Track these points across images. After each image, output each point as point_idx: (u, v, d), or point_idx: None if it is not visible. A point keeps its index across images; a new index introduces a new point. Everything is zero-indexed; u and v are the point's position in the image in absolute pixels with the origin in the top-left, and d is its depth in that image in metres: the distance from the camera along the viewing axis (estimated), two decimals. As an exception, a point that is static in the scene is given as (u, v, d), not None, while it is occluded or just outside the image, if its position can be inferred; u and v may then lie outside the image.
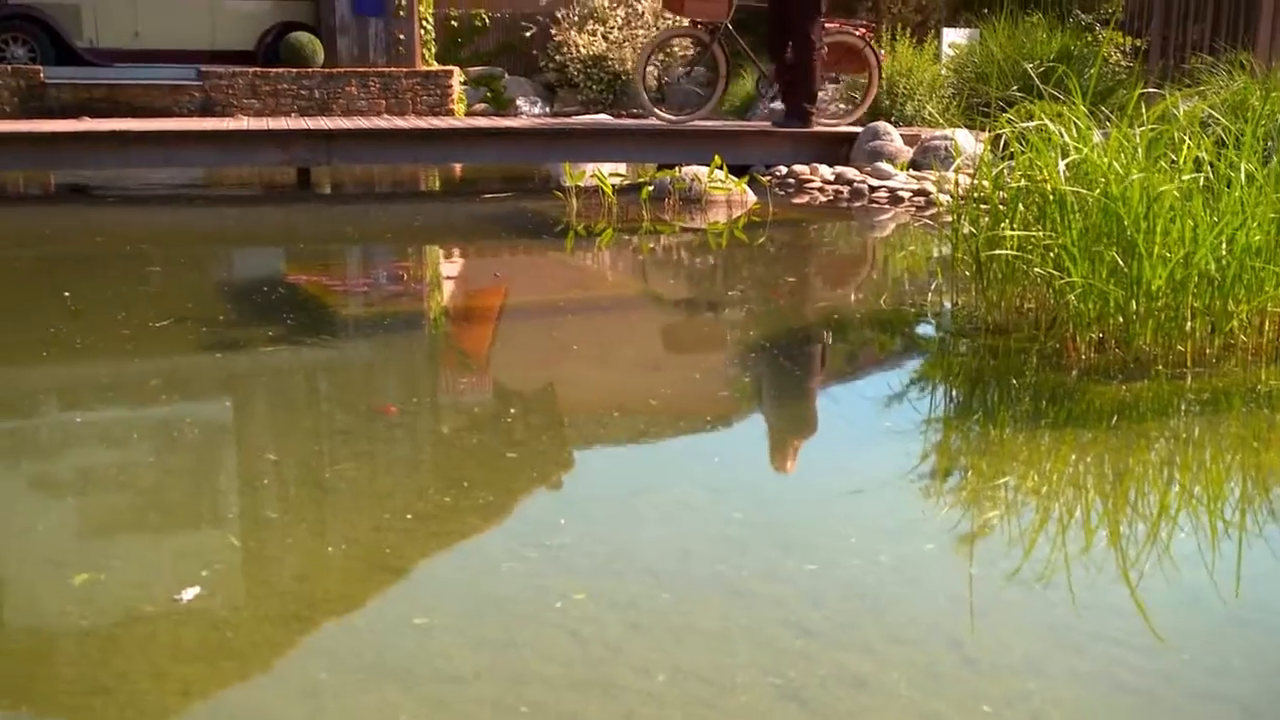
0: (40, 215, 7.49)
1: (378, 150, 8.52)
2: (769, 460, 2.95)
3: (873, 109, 9.28)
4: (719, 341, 4.27)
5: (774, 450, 3.04)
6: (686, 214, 6.98)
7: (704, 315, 4.75)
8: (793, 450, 3.06)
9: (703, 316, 4.73)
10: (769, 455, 3.00)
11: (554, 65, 15.14)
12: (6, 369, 3.69)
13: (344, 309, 4.59)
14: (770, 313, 4.61)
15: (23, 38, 12.55)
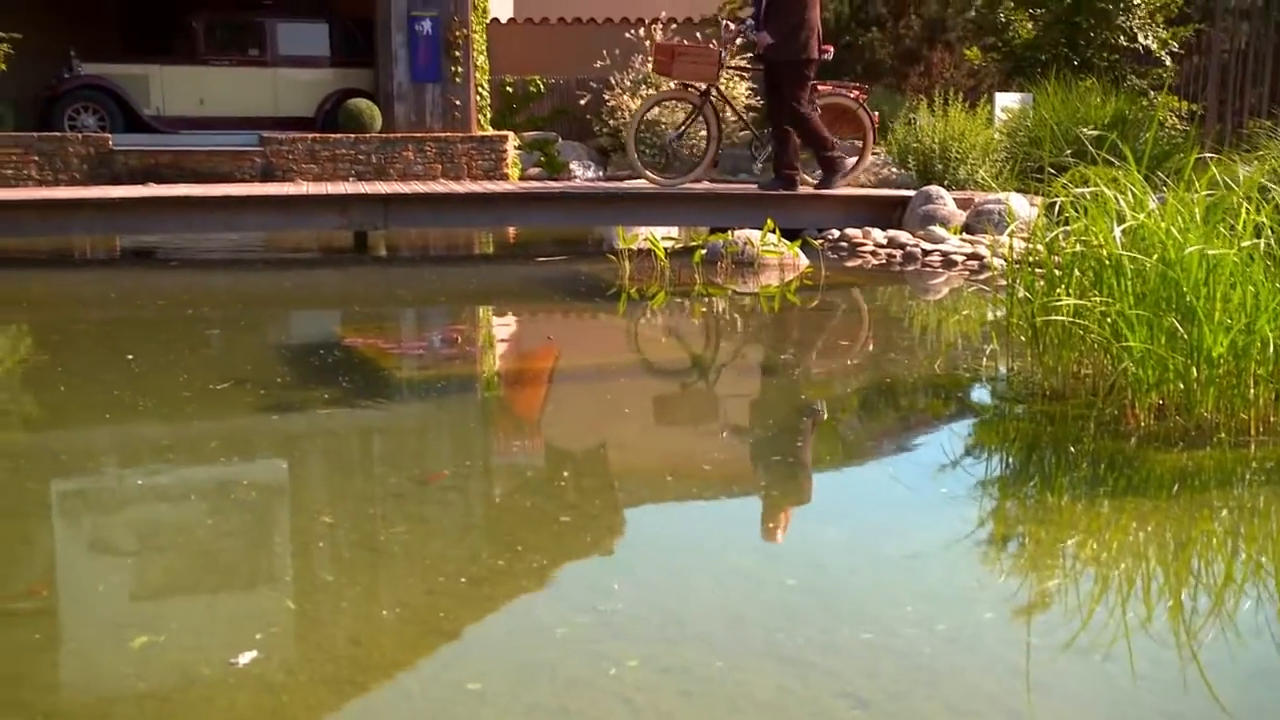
0: (107, 279, 7.66)
1: (433, 214, 8.64)
2: (823, 525, 2.93)
3: (925, 173, 9.30)
4: (771, 405, 4.26)
5: (827, 515, 3.02)
6: (739, 277, 7.01)
7: (756, 379, 4.74)
8: (847, 515, 3.04)
9: (755, 380, 4.73)
10: (822, 520, 2.98)
11: (607, 130, 15.31)
12: (71, 431, 3.76)
13: (399, 371, 4.64)
14: (823, 376, 4.60)
15: (93, 107, 12.92)
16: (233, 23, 13.94)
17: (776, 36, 8.27)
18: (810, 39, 8.22)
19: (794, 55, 8.20)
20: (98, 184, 11.71)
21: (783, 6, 8.20)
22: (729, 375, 4.81)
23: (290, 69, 13.83)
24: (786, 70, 8.26)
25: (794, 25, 8.13)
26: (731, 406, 4.27)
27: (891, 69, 14.17)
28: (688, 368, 4.96)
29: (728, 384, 4.67)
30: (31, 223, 7.81)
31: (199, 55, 13.65)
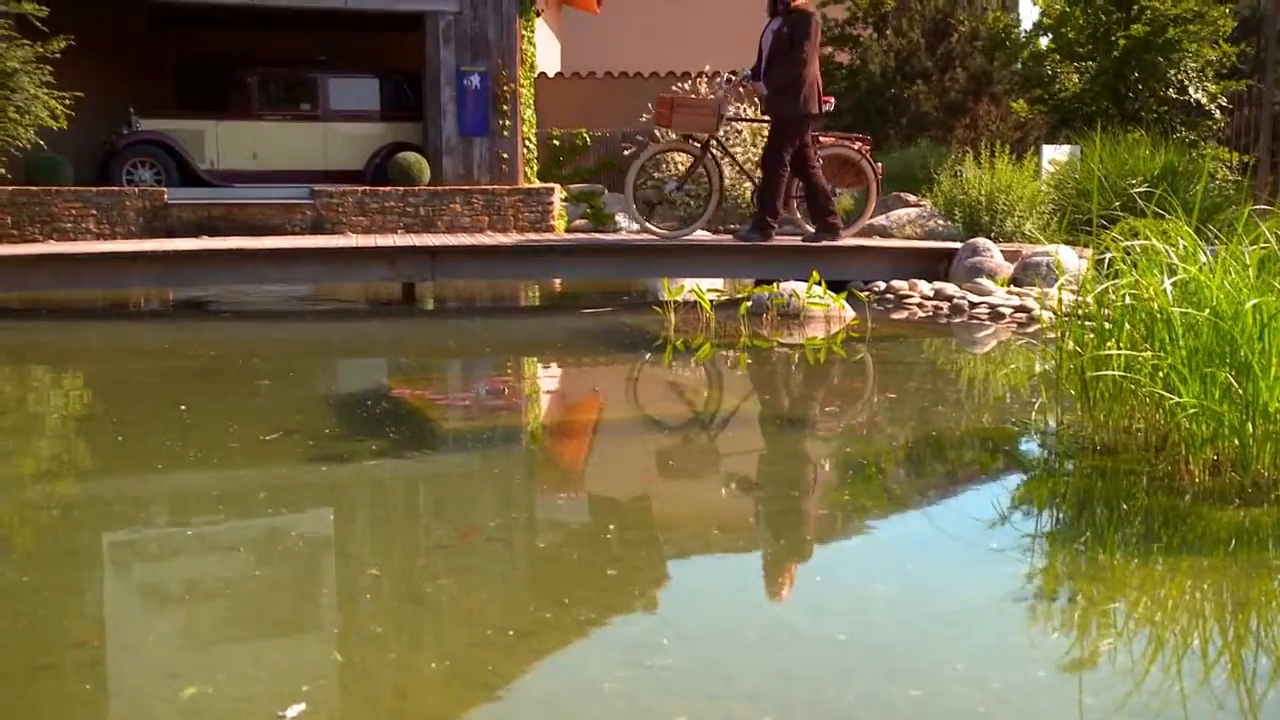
0: (160, 329, 7.78)
1: (480, 266, 8.72)
2: (871, 580, 2.90)
3: (971, 225, 9.27)
4: (818, 458, 4.24)
5: (876, 570, 2.99)
6: (785, 329, 7.00)
7: (802, 431, 4.72)
8: (896, 570, 3.00)
9: (801, 432, 4.71)
10: (871, 575, 2.95)
11: (653, 182, 15.42)
12: (124, 480, 3.81)
13: (445, 423, 4.67)
14: (869, 429, 4.57)
15: (150, 161, 13.20)
16: (286, 78, 14.22)
17: (772, 89, 8.32)
18: (810, 93, 8.25)
19: (794, 110, 8.24)
20: (153, 237, 11.93)
21: (782, 60, 8.24)
22: (775, 428, 4.79)
23: (341, 123, 14.07)
24: (784, 124, 8.30)
25: (794, 79, 8.17)
26: (778, 459, 4.25)
27: (937, 121, 14.18)
28: (733, 420, 4.95)
29: (773, 437, 4.66)
30: (90, 275, 7.97)
31: (253, 110, 13.93)
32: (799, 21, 8.20)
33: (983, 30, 14.41)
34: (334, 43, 16.13)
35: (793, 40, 8.16)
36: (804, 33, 8.17)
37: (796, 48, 8.14)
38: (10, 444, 4.36)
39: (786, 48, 8.19)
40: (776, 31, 8.30)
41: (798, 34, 8.16)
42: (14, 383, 5.80)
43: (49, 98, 11.04)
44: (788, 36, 8.19)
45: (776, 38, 8.29)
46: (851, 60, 15.68)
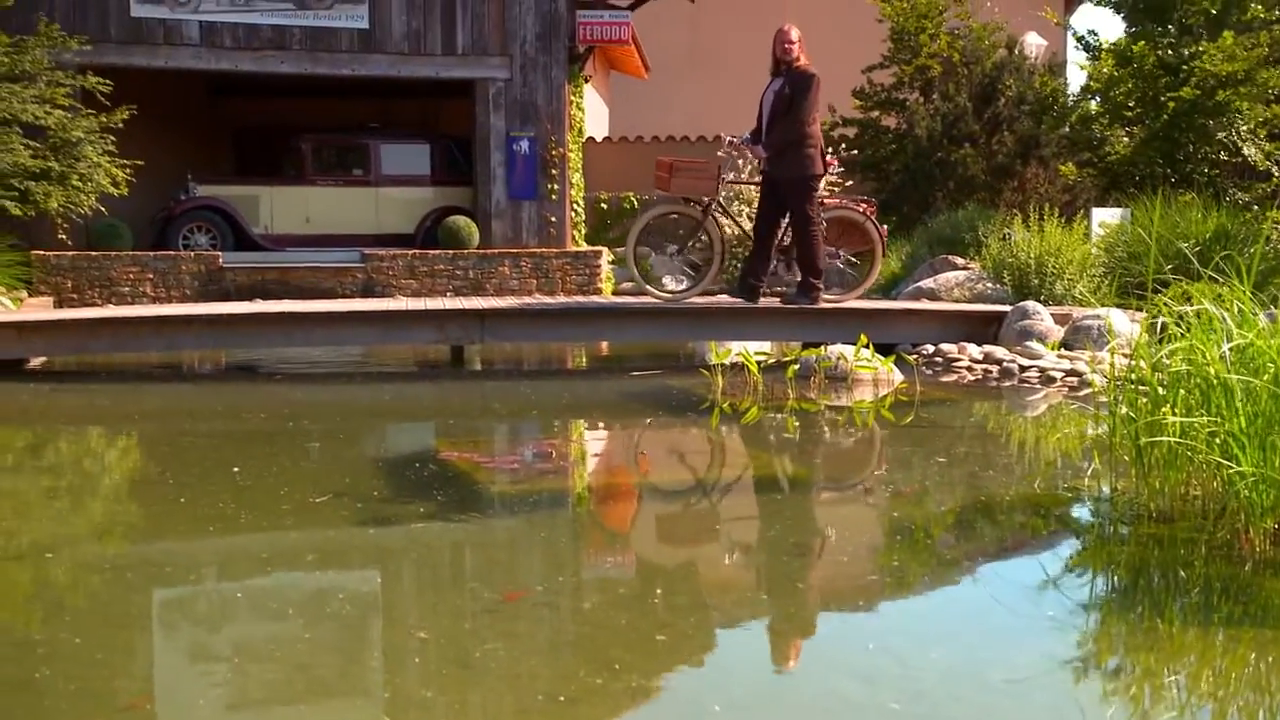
0: (214, 392, 7.89)
1: (528, 329, 8.78)
2: (923, 648, 2.86)
3: (1020, 288, 9.22)
4: (867, 522, 4.20)
5: (928, 637, 2.95)
6: (832, 392, 6.97)
7: (850, 495, 4.69)
8: (948, 638, 2.96)
9: (849, 497, 4.67)
10: (923, 642, 2.91)
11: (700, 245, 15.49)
12: (176, 542, 3.84)
13: (493, 485, 4.68)
14: (919, 494, 4.53)
15: (206, 226, 13.45)
16: (339, 144, 14.50)
17: (771, 150, 8.33)
18: (814, 153, 8.24)
19: (799, 171, 8.23)
20: (208, 300, 12.14)
21: (783, 119, 8.25)
22: (823, 491, 4.76)
23: (392, 188, 14.29)
24: (792, 186, 8.27)
25: (796, 140, 8.17)
26: (826, 523, 4.21)
27: (985, 184, 14.16)
28: (781, 484, 4.92)
29: (822, 500, 4.62)
30: (146, 338, 8.11)
31: (306, 176, 14.20)
32: (800, 80, 8.21)
33: (1030, 94, 14.41)
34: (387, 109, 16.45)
35: (793, 100, 8.18)
36: (805, 93, 8.18)
37: (797, 107, 8.15)
38: (66, 505, 4.42)
39: (786, 107, 8.21)
40: (778, 92, 8.32)
41: (799, 93, 8.18)
42: (72, 444, 5.89)
43: (111, 165, 11.32)
44: (788, 97, 8.21)
45: (778, 98, 8.30)
46: (898, 124, 15.74)
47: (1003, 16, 16.09)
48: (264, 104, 16.33)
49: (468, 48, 13.71)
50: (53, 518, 4.21)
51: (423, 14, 13.57)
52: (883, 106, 16.02)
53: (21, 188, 10.55)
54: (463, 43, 13.69)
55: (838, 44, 21.05)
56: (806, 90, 8.16)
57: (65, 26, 11.68)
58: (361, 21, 13.45)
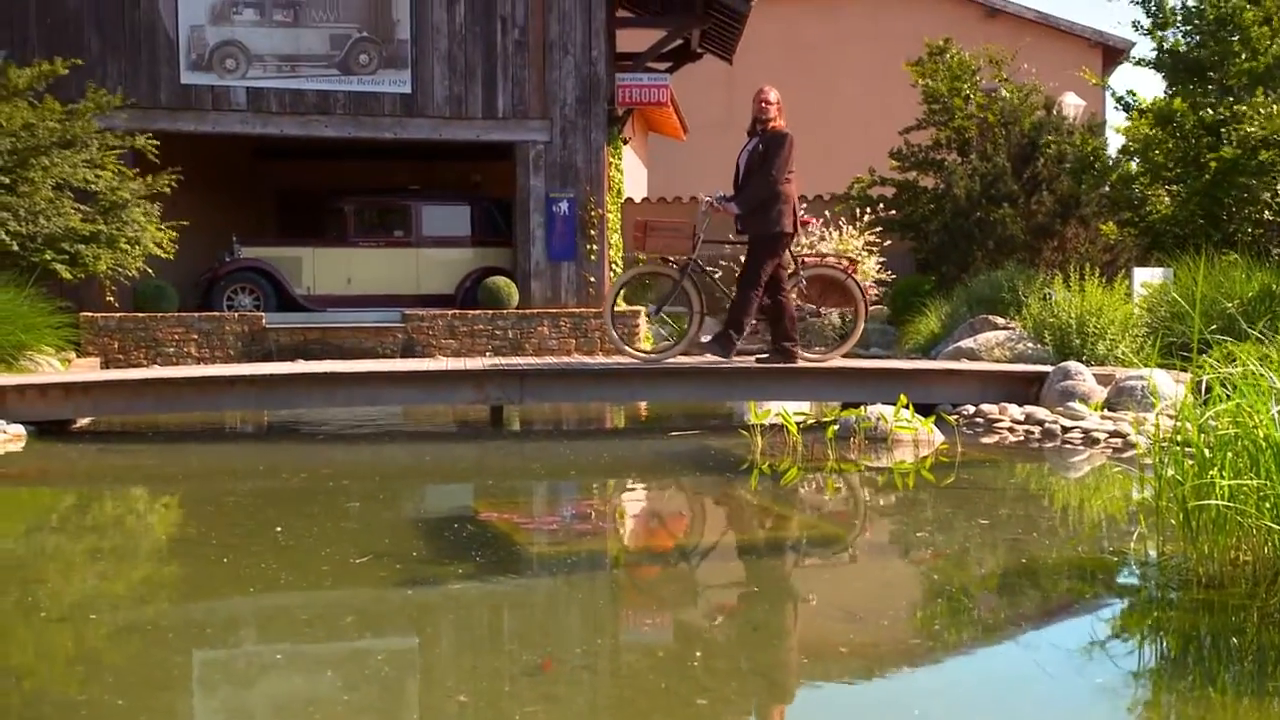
0: (256, 452, 7.94)
1: (567, 388, 8.80)
2: (967, 715, 2.81)
3: (1061, 348, 9.16)
4: (908, 585, 4.15)
5: (973, 705, 2.90)
6: (872, 453, 6.93)
7: (891, 557, 4.64)
8: (994, 706, 2.91)
9: (890, 559, 4.63)
10: (968, 710, 2.86)
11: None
12: (218, 602, 3.86)
13: (532, 546, 4.67)
14: (961, 556, 4.47)
15: (250, 287, 13.65)
16: (380, 206, 14.70)
17: (745, 208, 8.37)
18: (785, 211, 8.29)
19: (767, 229, 8.29)
20: (251, 360, 12.28)
21: (754, 178, 8.33)
22: (863, 553, 4.72)
23: (433, 249, 14.45)
24: (759, 243, 8.34)
25: (769, 198, 8.24)
26: (867, 586, 4.17)
27: (1024, 244, 14.13)
28: (821, 545, 4.89)
29: (862, 562, 4.58)
30: (190, 399, 8.20)
31: (348, 237, 14.39)
32: (774, 140, 8.33)
33: (1070, 154, 14.41)
34: (428, 171, 16.69)
35: (766, 158, 8.28)
36: (778, 151, 8.28)
37: (769, 165, 8.25)
38: (110, 565, 4.46)
39: (759, 166, 8.31)
40: (752, 150, 8.45)
41: (771, 152, 8.28)
42: (117, 503, 5.94)
43: (157, 228, 11.53)
44: (762, 155, 8.32)
45: (752, 156, 8.43)
46: (936, 184, 15.77)
47: (1040, 77, 16.16)
48: (307, 166, 16.62)
49: (508, 111, 13.91)
50: (97, 578, 4.25)
51: (464, 79, 13.80)
52: (920, 167, 16.07)
53: (72, 251, 10.75)
54: (503, 106, 13.89)
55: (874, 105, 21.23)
56: (780, 149, 8.29)
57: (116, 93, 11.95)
58: (404, 86, 13.68)
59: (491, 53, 13.87)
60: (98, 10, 12.96)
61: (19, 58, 11.76)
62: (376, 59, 13.63)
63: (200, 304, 13.62)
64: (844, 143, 21.07)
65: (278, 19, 13.44)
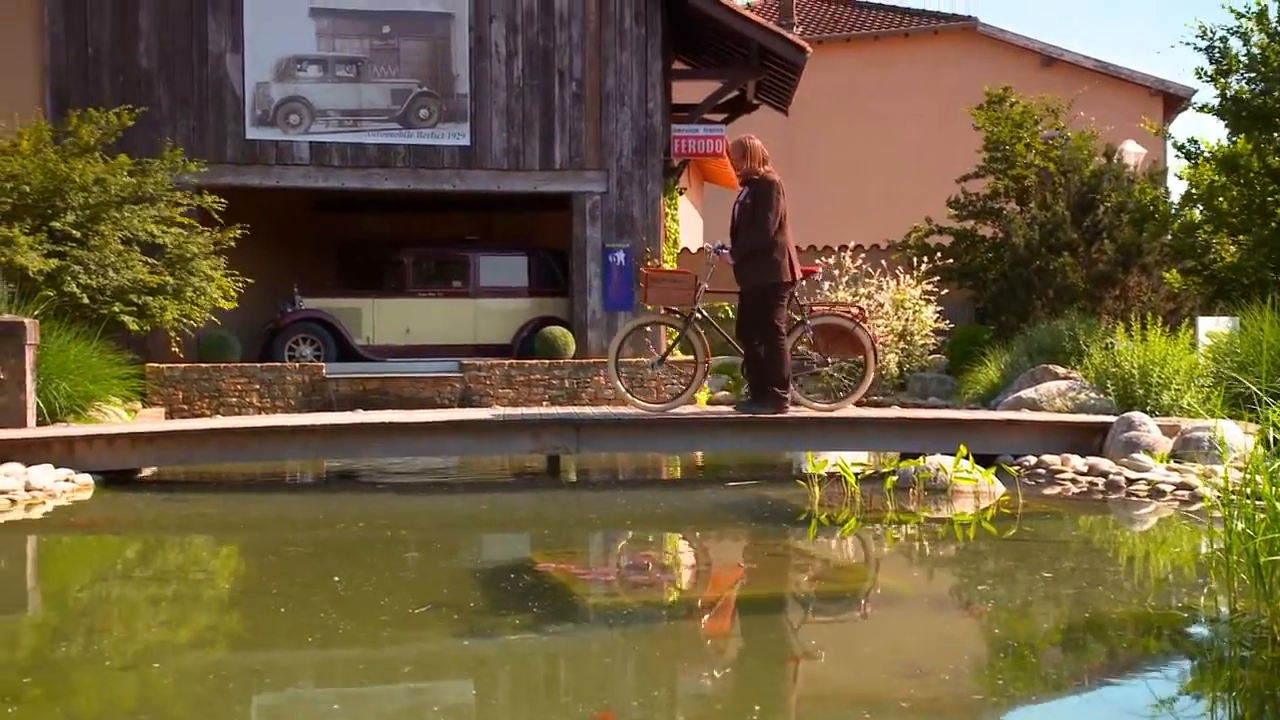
0: (315, 501, 8.02)
1: (623, 438, 8.80)
2: (1033, 778, 2.76)
3: (1125, 398, 9.02)
4: (969, 639, 4.08)
5: (1038, 767, 2.84)
6: (932, 504, 6.85)
7: (952, 610, 4.57)
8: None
9: (951, 612, 4.56)
10: (1032, 772, 2.81)
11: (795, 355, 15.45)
12: (277, 652, 3.88)
13: (589, 598, 4.66)
14: (1024, 610, 4.40)
15: (311, 338, 13.85)
16: (439, 257, 14.89)
17: (738, 258, 8.34)
18: (781, 261, 8.24)
19: (763, 279, 8.25)
20: (311, 409, 12.43)
21: (746, 228, 8.32)
22: (923, 606, 4.65)
23: (490, 299, 14.59)
24: (756, 294, 8.29)
25: (762, 248, 8.21)
26: (927, 639, 4.11)
27: (1085, 293, 13.98)
28: (880, 597, 4.83)
29: (923, 615, 4.51)
30: (252, 448, 8.30)
31: (407, 288, 14.58)
32: (760, 189, 8.30)
33: (1131, 202, 14.28)
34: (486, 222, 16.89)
35: (755, 208, 8.26)
36: (766, 200, 8.25)
37: (760, 216, 8.22)
38: (173, 613, 4.51)
39: (749, 217, 8.29)
40: (742, 202, 8.44)
41: (759, 202, 8.26)
42: (180, 552, 6.02)
43: (222, 279, 11.75)
44: (750, 206, 8.29)
45: (742, 208, 8.42)
46: (995, 233, 15.68)
47: (1099, 125, 16.07)
48: (367, 218, 16.89)
49: (565, 162, 14.06)
50: (160, 626, 4.29)
51: (522, 131, 13.99)
52: (978, 215, 16.00)
53: (139, 303, 10.98)
54: (560, 158, 14.05)
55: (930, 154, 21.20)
56: (767, 197, 8.26)
57: (185, 149, 12.25)
58: (463, 139, 13.90)
59: (549, 106, 14.05)
60: (168, 68, 13.32)
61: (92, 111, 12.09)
62: (436, 113, 13.86)
63: (262, 354, 13.83)
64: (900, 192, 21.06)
65: (340, 75, 13.72)
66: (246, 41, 13.45)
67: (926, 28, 22.92)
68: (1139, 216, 13.96)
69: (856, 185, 22.17)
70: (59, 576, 5.49)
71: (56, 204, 10.85)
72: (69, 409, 9.28)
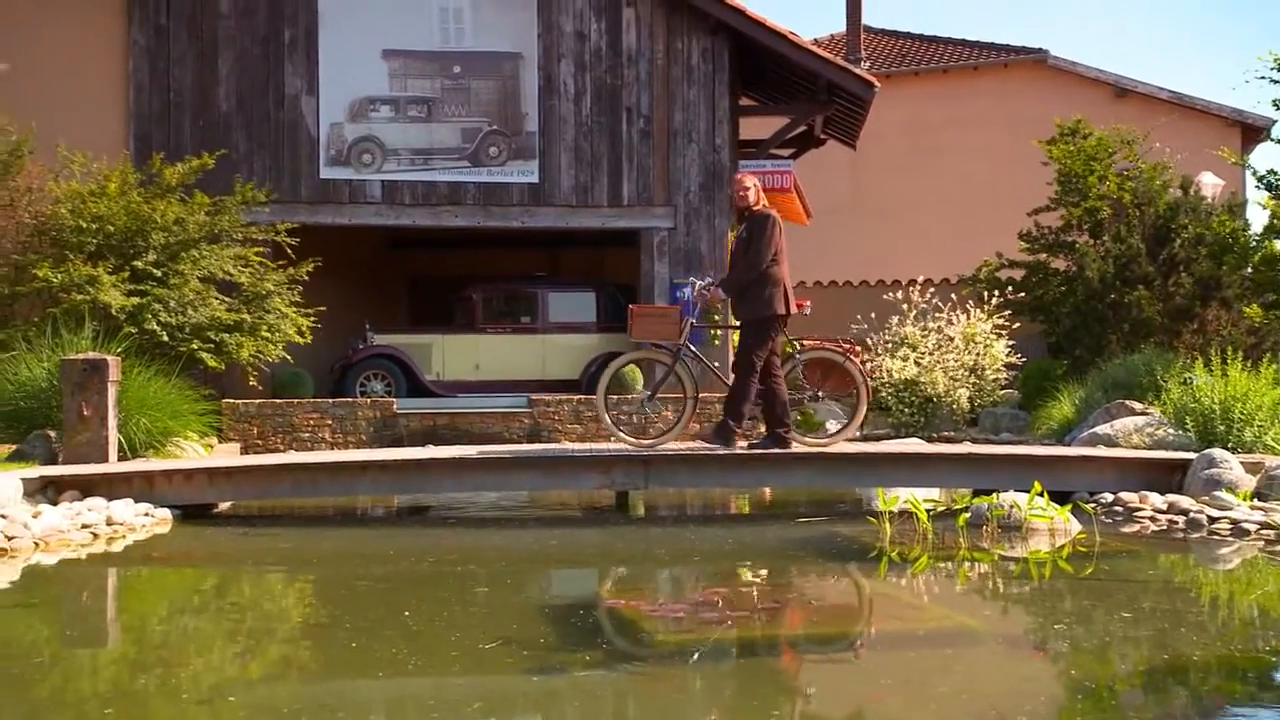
0: (386, 536, 8.09)
1: (692, 474, 8.78)
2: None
3: (1204, 435, 8.82)
4: (1048, 680, 4.00)
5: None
6: (1005, 542, 6.74)
7: (1029, 651, 4.48)
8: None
9: (1027, 652, 4.47)
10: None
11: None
12: (348, 686, 3.91)
13: (658, 634, 4.64)
14: (1102, 651, 4.30)
15: (382, 373, 14.03)
16: (508, 293, 15.02)
17: (730, 293, 8.31)
18: (775, 294, 8.21)
19: (757, 312, 8.23)
20: (382, 444, 12.56)
21: (740, 261, 8.31)
22: (998, 646, 4.57)
23: (559, 335, 14.67)
24: (749, 327, 8.27)
25: (754, 280, 8.19)
26: (1004, 679, 4.03)
27: (1162, 327, 13.73)
28: (954, 636, 4.75)
29: (997, 656, 4.43)
30: (325, 483, 8.40)
31: (477, 324, 14.72)
32: (756, 223, 8.30)
33: (1209, 235, 14.02)
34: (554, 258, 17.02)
35: (750, 242, 8.25)
36: (761, 234, 8.22)
37: (754, 250, 8.21)
38: (247, 646, 4.56)
39: (744, 250, 8.29)
40: (739, 236, 8.45)
41: (755, 235, 8.25)
42: (254, 586, 6.10)
43: (297, 315, 11.96)
44: (746, 240, 8.29)
45: (738, 241, 8.43)
46: (1068, 266, 15.48)
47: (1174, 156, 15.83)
48: (438, 255, 17.10)
49: (633, 198, 14.14)
50: (235, 659, 4.35)
51: (590, 168, 14.10)
52: (1051, 249, 15.81)
53: (217, 339, 11.19)
54: (628, 194, 14.13)
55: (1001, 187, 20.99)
56: (763, 231, 8.26)
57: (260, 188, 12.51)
58: (532, 176, 14.03)
59: (617, 142, 14.15)
60: (246, 111, 13.63)
61: (174, 158, 12.40)
62: (506, 150, 14.02)
63: (334, 390, 14.02)
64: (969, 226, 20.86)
65: (412, 115, 13.94)
66: (321, 84, 13.73)
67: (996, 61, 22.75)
68: (1218, 249, 13.69)
69: (925, 219, 22.01)
70: (138, 609, 5.59)
71: (139, 243, 11.12)
72: (148, 444, 9.46)
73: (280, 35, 13.70)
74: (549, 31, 14.09)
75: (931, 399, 14.45)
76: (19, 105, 12.00)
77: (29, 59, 13.08)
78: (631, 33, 14.18)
